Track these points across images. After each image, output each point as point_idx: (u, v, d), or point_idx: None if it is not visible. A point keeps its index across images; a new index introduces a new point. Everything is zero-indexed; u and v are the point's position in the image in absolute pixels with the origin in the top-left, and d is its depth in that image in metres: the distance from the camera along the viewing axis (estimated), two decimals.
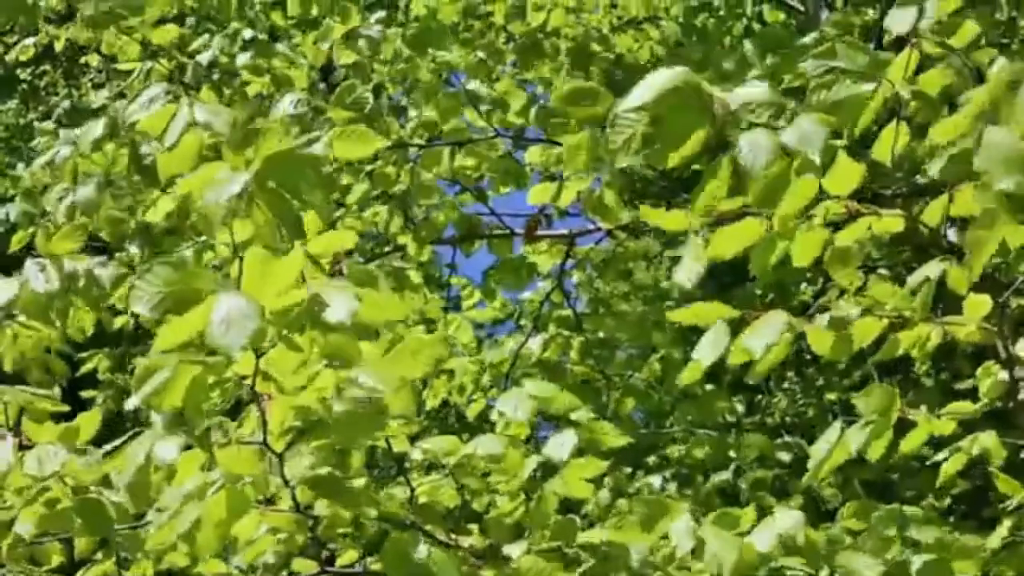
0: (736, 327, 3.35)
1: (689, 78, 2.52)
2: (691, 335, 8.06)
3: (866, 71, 2.63)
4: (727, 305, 3.39)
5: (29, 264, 3.78)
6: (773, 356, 3.34)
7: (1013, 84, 2.52)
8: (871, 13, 7.32)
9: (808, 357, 9.02)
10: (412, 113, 5.90)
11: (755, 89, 2.56)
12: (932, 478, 4.48)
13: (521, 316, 8.22)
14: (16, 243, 5.49)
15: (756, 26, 7.88)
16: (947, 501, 8.13)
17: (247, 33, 6.32)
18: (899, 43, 2.82)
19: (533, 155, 5.64)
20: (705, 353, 3.38)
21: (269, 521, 3.17)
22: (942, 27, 2.82)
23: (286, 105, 3.75)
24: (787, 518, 3.36)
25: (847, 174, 3.01)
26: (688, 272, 3.15)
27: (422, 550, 3.32)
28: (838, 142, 2.67)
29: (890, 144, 2.80)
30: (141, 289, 2.47)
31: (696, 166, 2.82)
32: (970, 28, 2.84)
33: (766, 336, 3.25)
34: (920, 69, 2.84)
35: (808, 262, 3.19)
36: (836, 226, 3.27)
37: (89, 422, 3.21)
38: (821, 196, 2.95)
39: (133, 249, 5.13)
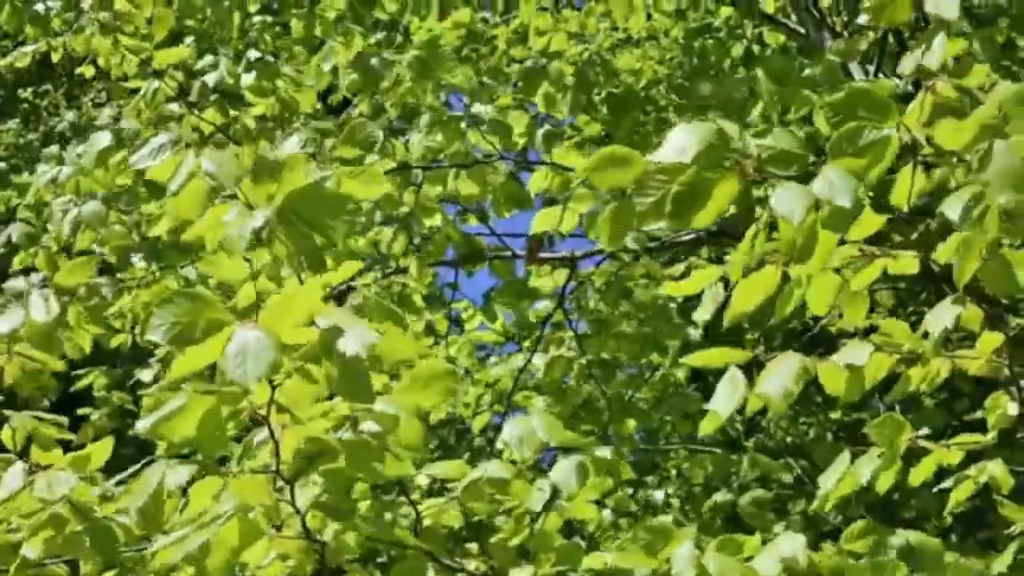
0: (749, 368, 3.37)
1: (721, 135, 2.47)
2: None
3: (885, 115, 2.61)
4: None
5: (34, 294, 3.80)
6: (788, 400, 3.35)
7: (1022, 100, 2.52)
8: (872, 36, 7.33)
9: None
10: (415, 136, 5.92)
11: (782, 141, 2.53)
12: (934, 498, 4.49)
13: (523, 337, 8.23)
14: (18, 263, 5.51)
15: (756, 48, 7.90)
16: (948, 521, 8.12)
17: (253, 54, 6.33)
18: (915, 84, 2.81)
19: (536, 183, 5.65)
20: (722, 404, 3.37)
21: (278, 547, 3.18)
22: (956, 69, 2.80)
23: (293, 144, 3.76)
24: (789, 542, 3.37)
25: (868, 223, 3.04)
26: (704, 313, 3.17)
27: (430, 573, 3.33)
28: (862, 190, 2.67)
29: (907, 189, 2.79)
30: (157, 318, 2.47)
31: None
32: (981, 70, 2.82)
33: (782, 381, 3.25)
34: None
35: (824, 310, 3.20)
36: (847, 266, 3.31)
37: (100, 451, 3.22)
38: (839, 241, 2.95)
39: (137, 263, 5.13)
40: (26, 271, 4.98)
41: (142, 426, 2.62)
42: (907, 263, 3.39)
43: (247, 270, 2.65)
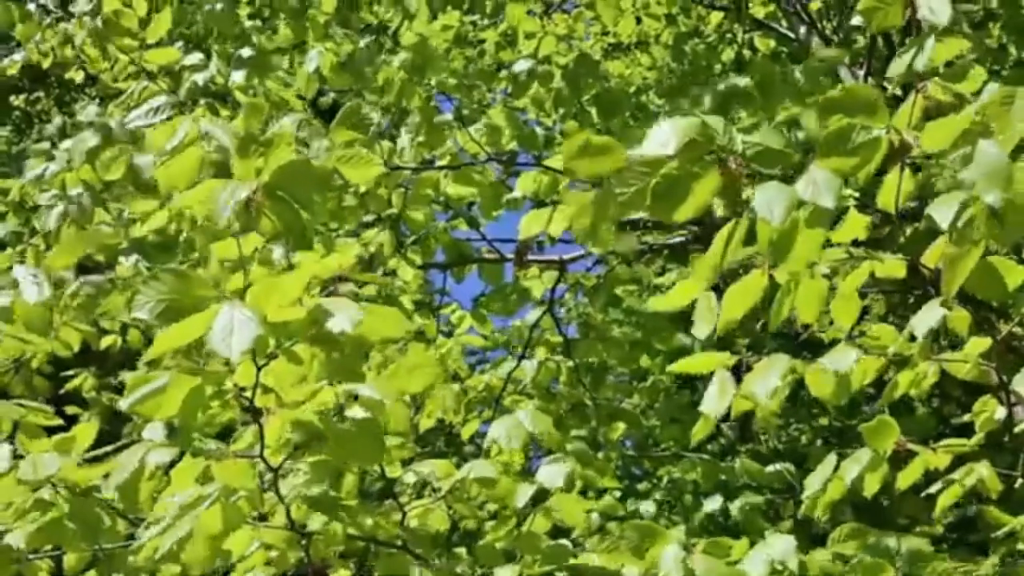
0: (737, 373, 3.37)
1: (704, 130, 2.45)
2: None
3: (875, 116, 2.59)
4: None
5: (23, 275, 3.78)
6: (776, 401, 3.34)
7: (1006, 100, 2.52)
8: (861, 40, 7.34)
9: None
10: (404, 138, 5.90)
11: (768, 139, 2.51)
12: (925, 503, 4.48)
13: (512, 342, 8.22)
14: (4, 261, 5.48)
15: (746, 52, 7.90)
16: (939, 528, 8.11)
17: (245, 52, 6.30)
18: (907, 87, 2.79)
19: (524, 184, 5.63)
20: (711, 405, 3.37)
21: (262, 537, 3.16)
22: (951, 72, 2.78)
23: (288, 124, 3.74)
24: (779, 543, 3.37)
25: (854, 225, 3.03)
26: (702, 328, 3.15)
27: (415, 572, 3.32)
28: (847, 191, 2.65)
29: (894, 191, 2.77)
30: (144, 295, 2.46)
31: None
32: (979, 74, 2.81)
33: (769, 381, 3.25)
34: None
35: (813, 317, 3.19)
36: (835, 271, 3.30)
37: (85, 433, 3.19)
38: (825, 244, 2.94)
39: (126, 262, 5.10)
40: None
41: (126, 403, 2.60)
42: (894, 266, 3.39)
43: (238, 251, 2.63)
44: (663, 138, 2.47)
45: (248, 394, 2.68)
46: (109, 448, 3.07)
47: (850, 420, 8.95)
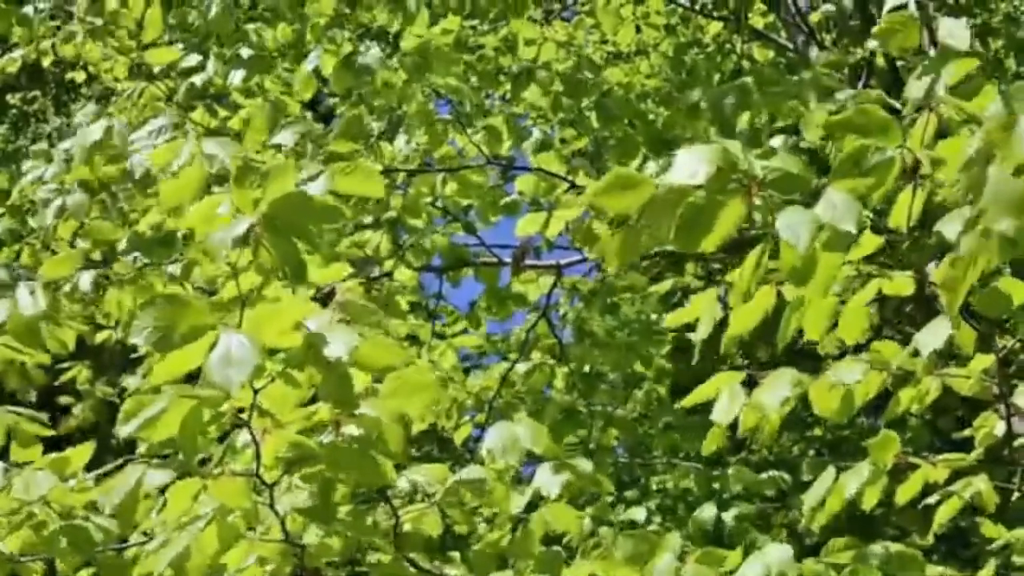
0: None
1: (728, 156, 2.42)
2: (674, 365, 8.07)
3: (888, 136, 2.59)
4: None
5: (20, 287, 3.77)
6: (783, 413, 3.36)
7: (1007, 125, 2.51)
8: (860, 51, 7.34)
9: None
10: (402, 140, 5.88)
11: (787, 164, 2.50)
12: (916, 515, 4.48)
13: (507, 346, 8.20)
14: (1, 259, 5.46)
15: (745, 64, 7.89)
16: (930, 540, 8.09)
17: (245, 52, 6.29)
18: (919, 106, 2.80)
19: (523, 184, 5.62)
20: (722, 416, 3.38)
21: (258, 551, 3.15)
22: (963, 90, 2.78)
23: (285, 137, 3.74)
24: (775, 552, 3.37)
25: (867, 244, 3.05)
26: (704, 332, 3.17)
27: None
28: (865, 212, 2.64)
29: (907, 210, 2.77)
30: (140, 321, 2.45)
31: None
32: (991, 91, 2.80)
33: (778, 393, 3.26)
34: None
35: (821, 334, 3.19)
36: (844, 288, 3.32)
37: (80, 455, 3.19)
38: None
39: (128, 259, 5.09)
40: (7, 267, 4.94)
41: (125, 431, 2.60)
42: (902, 284, 3.40)
43: (231, 267, 2.63)
44: (691, 168, 2.43)
45: (245, 415, 2.69)
46: (107, 468, 3.06)
47: (843, 430, 8.96)
